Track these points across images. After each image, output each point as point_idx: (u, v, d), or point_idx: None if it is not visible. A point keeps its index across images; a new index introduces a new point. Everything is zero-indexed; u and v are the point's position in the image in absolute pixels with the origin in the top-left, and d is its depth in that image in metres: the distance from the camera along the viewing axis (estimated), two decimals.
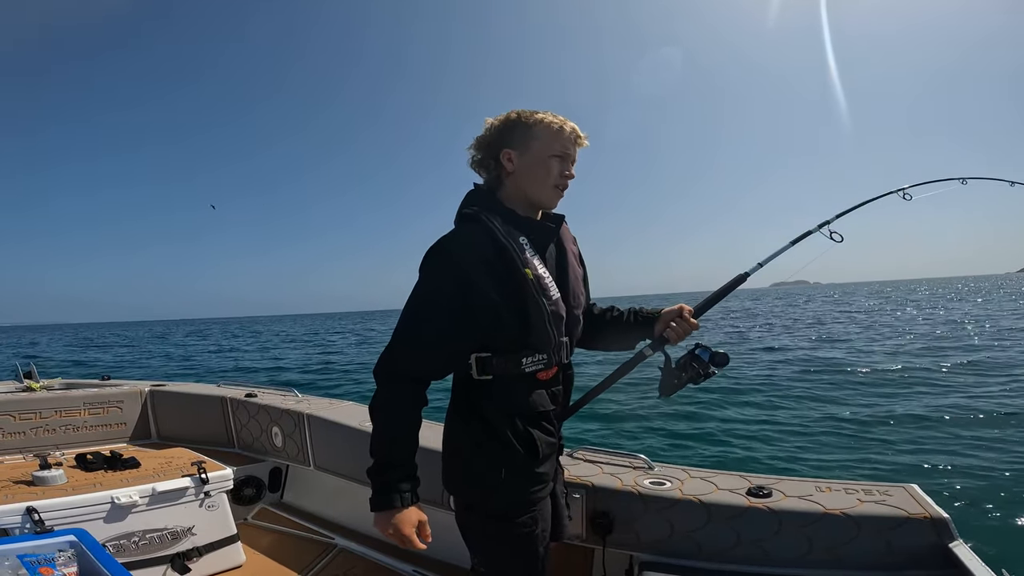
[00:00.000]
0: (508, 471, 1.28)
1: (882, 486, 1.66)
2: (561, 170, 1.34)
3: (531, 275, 1.25)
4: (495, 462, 1.28)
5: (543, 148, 1.32)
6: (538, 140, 1.32)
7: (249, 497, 2.89)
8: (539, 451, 1.31)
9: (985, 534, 3.97)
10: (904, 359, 13.23)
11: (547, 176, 1.33)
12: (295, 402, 3.00)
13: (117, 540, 1.98)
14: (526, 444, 1.29)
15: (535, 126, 1.32)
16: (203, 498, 2.21)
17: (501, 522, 1.30)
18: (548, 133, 1.32)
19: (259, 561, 2.36)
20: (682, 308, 1.51)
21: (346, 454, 2.58)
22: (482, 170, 1.39)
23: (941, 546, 1.42)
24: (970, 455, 5.91)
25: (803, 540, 1.53)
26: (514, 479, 1.29)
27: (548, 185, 1.34)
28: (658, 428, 7.85)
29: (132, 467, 2.33)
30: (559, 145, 1.33)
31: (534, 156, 1.32)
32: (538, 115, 1.33)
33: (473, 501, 1.35)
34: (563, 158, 1.34)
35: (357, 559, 2.39)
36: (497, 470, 1.28)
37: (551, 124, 1.32)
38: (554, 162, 1.33)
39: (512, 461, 1.28)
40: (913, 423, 7.47)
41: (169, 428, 3.39)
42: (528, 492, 1.30)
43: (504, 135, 1.34)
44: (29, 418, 3.13)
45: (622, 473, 1.89)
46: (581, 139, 1.37)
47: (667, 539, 1.69)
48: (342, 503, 2.72)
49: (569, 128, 1.34)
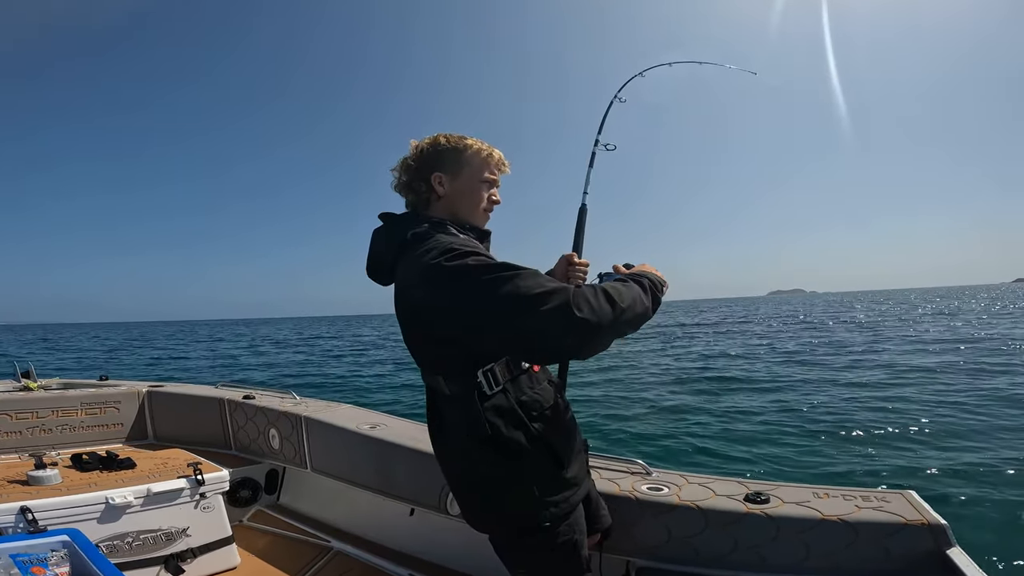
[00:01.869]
0: (540, 487, 1.25)
1: (880, 492, 1.65)
2: (489, 195, 1.41)
3: None
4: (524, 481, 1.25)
5: (474, 173, 1.37)
6: (468, 166, 1.37)
7: (245, 499, 2.88)
8: (563, 459, 1.29)
9: (983, 541, 3.96)
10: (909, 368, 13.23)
11: (478, 201, 1.38)
12: (293, 404, 2.99)
13: (111, 540, 1.97)
14: (550, 454, 1.27)
15: (465, 151, 1.37)
16: (198, 499, 2.21)
17: (541, 538, 1.27)
18: (478, 159, 1.38)
19: (254, 563, 2.34)
20: (566, 256, 1.61)
21: (343, 457, 2.57)
22: (408, 192, 1.39)
23: (939, 552, 1.41)
24: (968, 462, 5.90)
25: (801, 546, 1.52)
26: (546, 494, 1.26)
27: (479, 209, 1.39)
28: (664, 435, 7.84)
29: (128, 468, 2.33)
30: (487, 171, 1.39)
31: (465, 181, 1.37)
32: (467, 140, 1.38)
33: (511, 527, 1.31)
34: (491, 183, 1.41)
35: (353, 562, 2.37)
36: (528, 489, 1.24)
37: (480, 151, 1.38)
38: (483, 187, 1.39)
39: (543, 475, 1.26)
40: (911, 429, 7.46)
41: (166, 429, 3.38)
42: (564, 502, 1.28)
43: (434, 159, 1.36)
44: (26, 417, 3.12)
45: (619, 478, 1.88)
46: (505, 166, 1.44)
47: (664, 545, 1.68)
48: (339, 506, 2.71)
49: (497, 155, 1.41)
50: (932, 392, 10.07)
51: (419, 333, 1.30)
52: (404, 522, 2.33)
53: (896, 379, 11.67)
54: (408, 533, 2.37)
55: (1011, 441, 6.58)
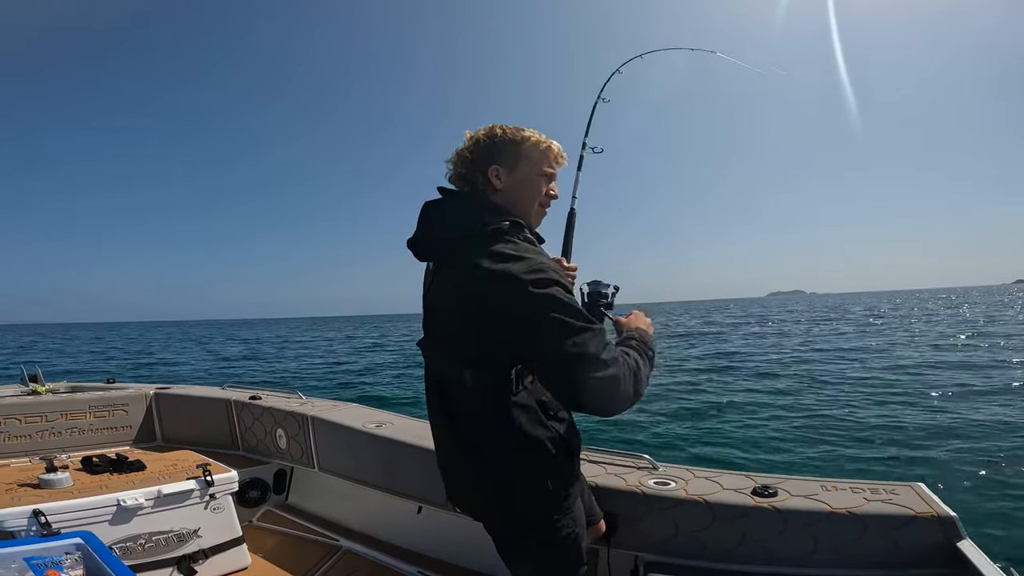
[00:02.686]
0: (554, 481, 1.27)
1: (889, 485, 1.65)
2: (547, 189, 1.35)
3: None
4: (541, 476, 1.26)
5: (531, 167, 1.32)
6: (526, 159, 1.32)
7: (254, 499, 2.90)
8: (574, 453, 1.31)
9: (993, 532, 3.95)
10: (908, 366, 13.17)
11: (535, 195, 1.33)
12: (299, 404, 3.01)
13: (123, 542, 1.99)
14: (565, 449, 1.28)
15: (523, 144, 1.31)
16: (208, 500, 2.22)
17: (545, 532, 1.28)
18: (536, 152, 1.32)
19: (264, 563, 2.36)
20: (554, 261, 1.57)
21: (350, 456, 2.58)
22: (465, 184, 1.34)
23: (949, 545, 1.41)
24: (977, 454, 5.88)
25: (809, 539, 1.52)
26: (559, 488, 1.28)
27: (535, 204, 1.34)
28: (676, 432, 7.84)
29: (138, 470, 2.34)
30: (546, 164, 1.33)
31: (523, 174, 1.32)
32: (525, 132, 1.32)
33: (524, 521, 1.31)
34: (549, 177, 1.35)
35: (362, 561, 2.39)
36: (543, 484, 1.26)
37: (539, 143, 1.32)
38: (542, 181, 1.34)
39: (558, 470, 1.28)
40: (920, 423, 7.43)
41: (174, 431, 3.40)
42: (571, 496, 1.31)
43: (491, 151, 1.31)
44: (35, 421, 3.14)
45: (626, 473, 1.88)
46: (563, 159, 1.37)
47: (672, 539, 1.68)
48: (347, 505, 2.72)
49: (556, 148, 1.35)
50: (938, 386, 10.04)
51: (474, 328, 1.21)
52: (412, 520, 2.34)
53: (907, 374, 11.66)
54: (416, 531, 2.38)
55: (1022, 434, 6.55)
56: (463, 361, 1.26)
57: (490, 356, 1.22)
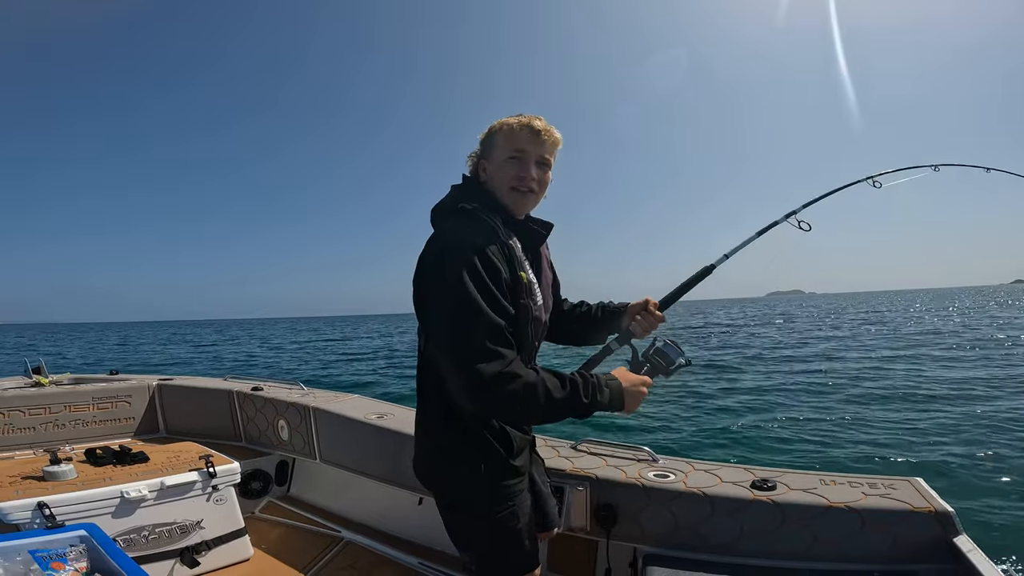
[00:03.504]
0: (486, 467, 1.30)
1: (887, 479, 1.66)
2: (516, 172, 1.29)
3: (525, 279, 1.26)
4: (474, 459, 1.30)
5: (500, 153, 1.30)
6: (496, 147, 1.31)
7: (256, 491, 2.92)
8: (514, 446, 1.33)
9: (990, 527, 3.97)
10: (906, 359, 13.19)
11: (504, 180, 1.30)
12: (301, 395, 3.02)
13: (127, 534, 2.00)
14: (503, 441, 1.32)
15: (496, 133, 1.31)
16: (211, 492, 2.24)
17: (483, 518, 1.32)
18: (503, 136, 1.30)
19: (266, 555, 2.38)
20: (647, 301, 1.52)
21: (352, 447, 2.60)
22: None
23: (945, 539, 1.41)
24: (974, 449, 5.90)
25: (807, 533, 1.53)
26: (492, 474, 1.31)
27: (505, 189, 1.30)
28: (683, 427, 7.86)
29: (141, 461, 2.36)
30: (512, 146, 1.28)
31: (494, 163, 1.32)
32: (503, 120, 1.32)
33: (455, 499, 1.37)
34: (519, 159, 1.29)
35: (364, 551, 2.41)
36: (476, 467, 1.30)
37: (504, 126, 1.30)
38: (509, 165, 1.29)
39: (490, 457, 1.31)
40: (917, 418, 7.45)
41: (177, 422, 3.42)
42: (506, 486, 1.32)
43: (482, 148, 1.36)
44: (39, 413, 3.16)
45: (626, 465, 1.89)
46: (539, 137, 1.28)
47: (671, 531, 1.69)
48: (348, 496, 2.74)
49: (523, 124, 1.28)
50: (942, 383, 10.05)
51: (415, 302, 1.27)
52: (413, 511, 2.35)
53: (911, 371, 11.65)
54: (417, 522, 2.40)
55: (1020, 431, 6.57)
56: (422, 332, 1.33)
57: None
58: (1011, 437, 6.21)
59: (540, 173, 1.31)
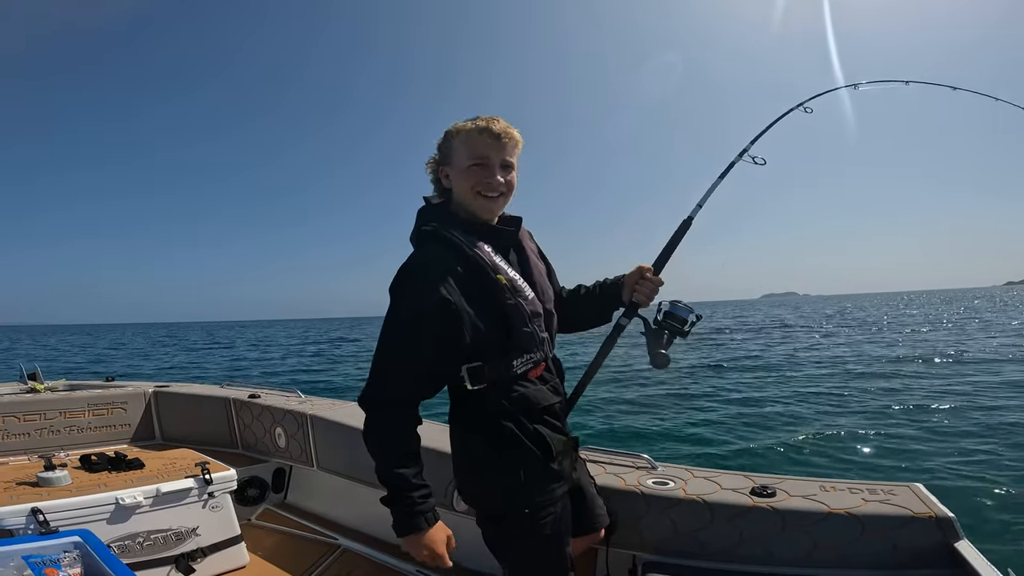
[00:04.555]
0: (526, 473, 1.28)
1: (887, 485, 1.65)
2: (481, 177, 1.28)
3: (504, 280, 1.26)
4: (512, 466, 1.28)
5: (461, 159, 1.29)
6: (456, 153, 1.30)
7: (253, 498, 2.90)
8: (552, 447, 1.31)
9: (991, 533, 3.95)
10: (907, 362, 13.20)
11: (468, 186, 1.29)
12: (298, 403, 3.00)
13: (122, 541, 1.99)
14: (538, 443, 1.30)
15: (454, 138, 1.30)
16: (207, 499, 2.22)
17: (523, 525, 1.30)
18: (462, 143, 1.29)
19: (263, 562, 2.36)
20: (641, 268, 1.52)
21: (349, 455, 2.58)
22: (437, 189, 1.41)
23: (946, 545, 1.41)
24: (975, 454, 5.89)
25: (807, 540, 1.53)
26: (533, 480, 1.29)
27: (471, 196, 1.30)
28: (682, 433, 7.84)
29: (136, 468, 2.34)
30: (473, 152, 1.27)
31: (456, 169, 1.31)
32: (459, 125, 1.30)
33: (495, 510, 1.35)
34: (483, 166, 1.27)
35: (361, 559, 2.39)
36: (515, 474, 1.27)
37: (465, 131, 1.28)
38: (473, 171, 1.28)
39: (528, 462, 1.28)
40: (918, 422, 7.44)
41: (173, 429, 3.40)
42: (547, 491, 1.30)
43: (441, 154, 1.35)
44: (34, 419, 3.14)
45: (625, 473, 1.88)
46: (500, 140, 1.27)
47: (670, 539, 1.68)
48: (345, 504, 2.72)
49: (480, 127, 1.26)
50: (940, 385, 10.05)
51: None
52: None
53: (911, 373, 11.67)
54: None
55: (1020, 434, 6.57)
56: None
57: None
58: (1013, 442, 6.21)
59: (505, 175, 1.31)
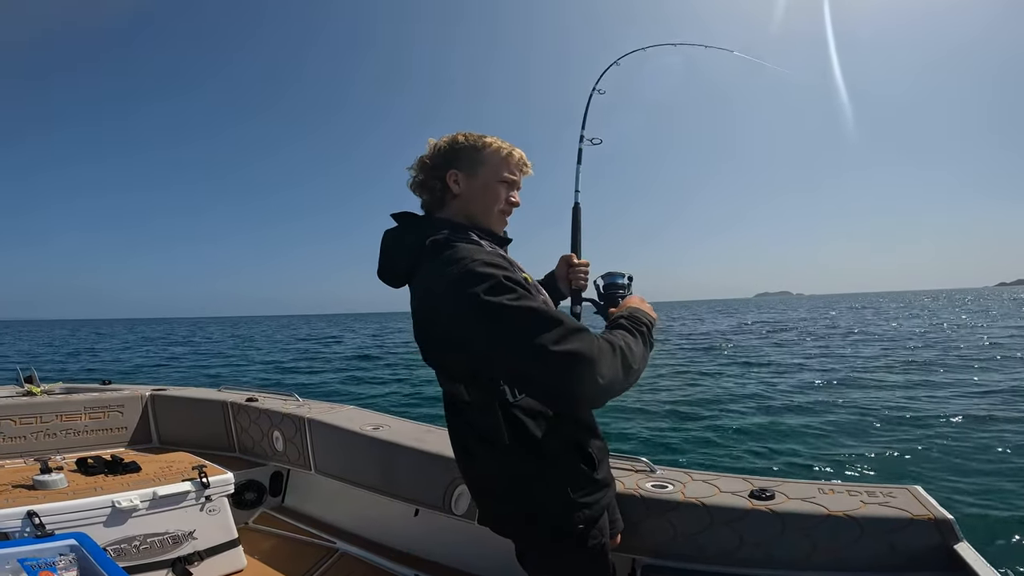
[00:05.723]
0: (573, 490, 1.22)
1: (885, 487, 1.65)
2: (507, 196, 1.34)
3: (531, 279, 1.26)
4: (558, 483, 1.21)
5: (491, 173, 1.31)
6: (486, 165, 1.31)
7: (250, 501, 2.89)
8: (595, 460, 1.26)
9: (990, 535, 3.95)
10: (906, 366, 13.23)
11: (495, 201, 1.32)
12: (296, 406, 3.00)
13: (118, 544, 1.97)
14: (585, 458, 1.24)
15: (484, 150, 1.31)
16: (204, 502, 2.21)
17: (572, 542, 1.24)
18: (497, 158, 1.32)
19: (260, 565, 2.35)
20: (565, 258, 1.57)
21: (347, 458, 2.58)
22: (423, 191, 1.35)
23: (945, 547, 1.41)
24: (974, 456, 5.89)
25: (806, 542, 1.53)
26: (579, 496, 1.22)
27: (495, 210, 1.33)
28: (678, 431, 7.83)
29: (133, 471, 2.33)
30: (506, 171, 1.32)
31: (481, 180, 1.31)
32: (487, 139, 1.32)
33: (540, 534, 1.25)
34: (510, 184, 1.34)
35: (358, 563, 2.38)
36: (562, 491, 1.21)
37: (500, 149, 1.32)
38: (502, 188, 1.32)
39: (577, 477, 1.23)
40: (916, 425, 7.45)
41: (170, 432, 3.38)
42: (593, 503, 1.24)
43: (451, 156, 1.31)
44: (30, 422, 3.12)
45: (624, 476, 1.88)
46: (527, 167, 1.37)
47: (669, 542, 1.68)
48: (343, 507, 2.71)
49: (517, 154, 1.34)
50: (941, 388, 10.07)
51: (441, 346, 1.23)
52: (409, 522, 2.33)
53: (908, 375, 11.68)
54: (413, 533, 2.38)
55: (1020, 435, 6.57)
56: (453, 378, 1.27)
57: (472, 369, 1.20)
58: (1011, 443, 6.21)
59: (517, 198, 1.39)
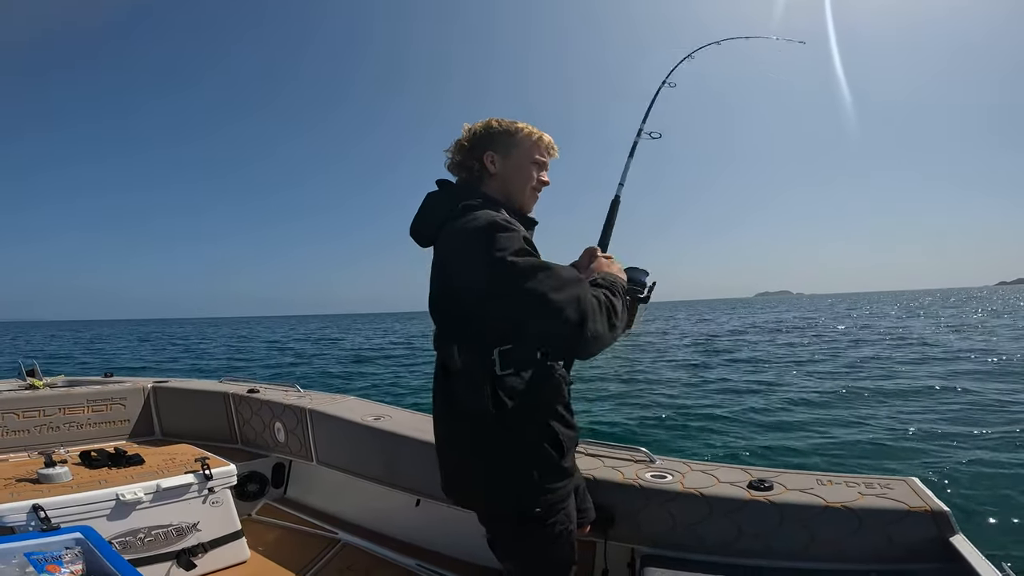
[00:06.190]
0: (540, 473, 1.27)
1: (883, 479, 1.66)
2: (539, 175, 1.46)
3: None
4: (526, 467, 1.26)
5: (524, 154, 1.43)
6: (519, 147, 1.43)
7: (253, 493, 2.91)
8: (564, 448, 1.30)
9: (986, 527, 3.99)
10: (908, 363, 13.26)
11: (528, 180, 1.44)
12: (297, 397, 3.01)
13: (123, 537, 1.99)
14: (554, 444, 1.29)
15: (517, 134, 1.43)
16: (207, 494, 2.23)
17: (535, 526, 1.29)
18: (528, 141, 1.43)
19: (263, 557, 2.37)
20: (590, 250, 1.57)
21: (349, 449, 2.59)
22: (461, 171, 1.45)
23: (942, 539, 1.42)
24: (971, 449, 5.93)
25: (804, 533, 1.54)
26: (545, 481, 1.27)
27: (528, 188, 1.44)
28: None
29: (136, 464, 2.35)
30: (537, 153, 1.44)
31: (515, 161, 1.42)
32: (519, 124, 1.44)
33: (503, 510, 1.33)
34: (540, 165, 1.46)
35: (361, 554, 2.40)
36: (528, 475, 1.26)
37: (531, 133, 1.44)
38: (533, 168, 1.44)
39: (543, 463, 1.27)
40: (914, 417, 7.48)
41: (172, 425, 3.40)
42: (558, 489, 1.29)
43: (486, 139, 1.42)
44: (33, 416, 3.14)
45: (623, 466, 1.89)
46: (554, 150, 1.49)
47: (669, 532, 1.70)
48: (345, 498, 2.73)
49: (547, 139, 1.46)
50: (941, 384, 10.10)
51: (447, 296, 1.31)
52: (410, 513, 2.35)
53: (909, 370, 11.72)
54: (414, 523, 2.40)
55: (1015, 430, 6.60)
56: (449, 337, 1.34)
57: (471, 331, 1.27)
58: (1007, 437, 6.25)
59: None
